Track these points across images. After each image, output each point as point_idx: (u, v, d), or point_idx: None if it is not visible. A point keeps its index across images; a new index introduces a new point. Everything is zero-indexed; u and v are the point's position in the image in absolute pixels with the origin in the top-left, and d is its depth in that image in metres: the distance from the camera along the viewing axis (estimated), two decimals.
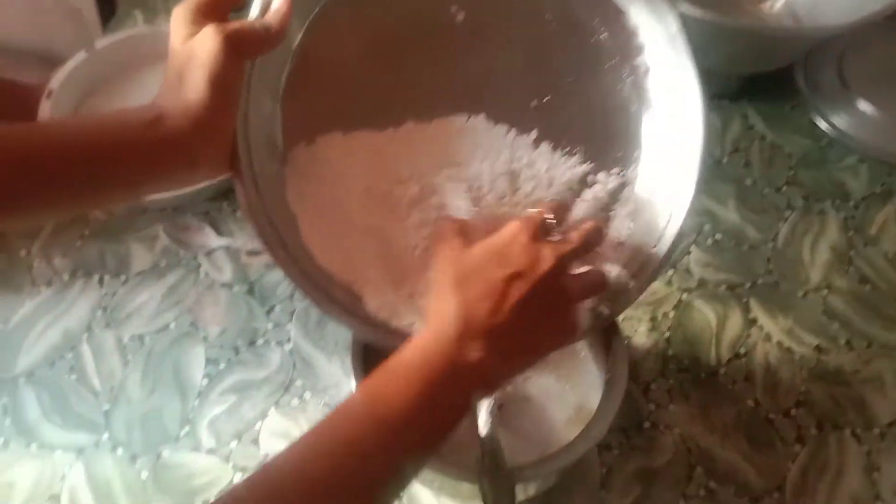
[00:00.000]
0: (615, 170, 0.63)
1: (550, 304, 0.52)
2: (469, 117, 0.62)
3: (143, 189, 0.52)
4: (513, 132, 0.62)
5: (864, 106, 0.97)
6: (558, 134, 0.63)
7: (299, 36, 0.58)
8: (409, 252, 0.59)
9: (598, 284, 0.57)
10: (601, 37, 0.62)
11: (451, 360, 0.49)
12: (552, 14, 0.62)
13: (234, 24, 0.49)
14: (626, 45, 0.62)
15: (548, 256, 0.52)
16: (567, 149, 0.62)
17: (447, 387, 0.49)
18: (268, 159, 0.57)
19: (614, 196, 0.63)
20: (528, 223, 0.54)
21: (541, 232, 0.54)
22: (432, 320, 0.52)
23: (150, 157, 0.49)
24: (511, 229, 0.54)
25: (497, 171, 0.61)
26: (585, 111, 0.63)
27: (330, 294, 0.57)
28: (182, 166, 0.50)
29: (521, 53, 0.63)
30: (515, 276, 0.51)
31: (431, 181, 0.61)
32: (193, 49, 0.48)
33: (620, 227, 0.62)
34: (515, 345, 0.51)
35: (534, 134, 0.62)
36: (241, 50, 0.49)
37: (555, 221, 0.56)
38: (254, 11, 0.53)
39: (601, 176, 0.63)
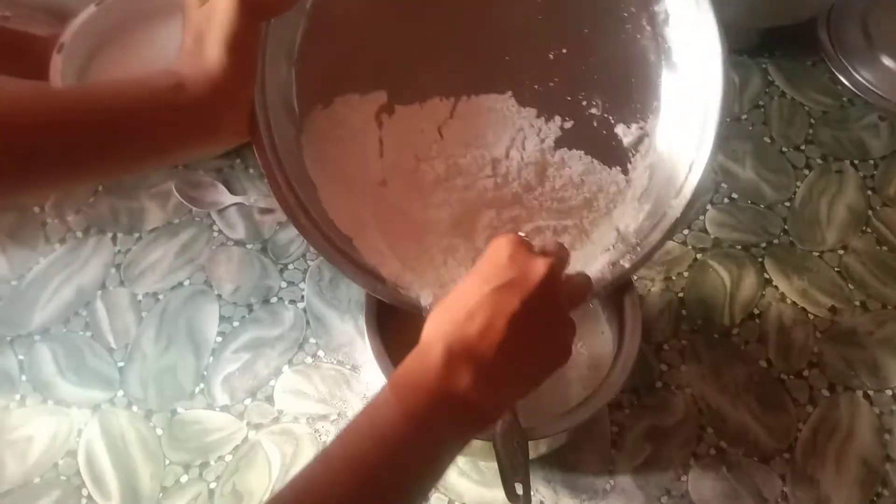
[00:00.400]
0: (634, 122, 0.62)
1: (546, 318, 0.48)
2: (495, 96, 0.62)
3: (164, 157, 0.51)
4: (542, 119, 0.62)
5: (888, 63, 0.94)
6: (577, 86, 0.62)
7: None
8: (429, 226, 0.59)
9: (585, 288, 0.53)
10: None
11: (437, 391, 0.44)
12: None
13: None
14: None
15: (539, 264, 0.47)
16: (586, 101, 0.62)
17: (432, 425, 0.44)
18: (286, 124, 0.56)
19: (634, 148, 0.62)
20: (509, 237, 0.50)
21: (524, 244, 0.50)
22: (416, 349, 0.47)
23: (172, 124, 0.48)
24: (492, 246, 0.50)
25: (526, 161, 0.61)
26: (604, 62, 0.62)
27: (352, 258, 0.57)
28: (203, 132, 0.49)
29: (539, 6, 0.61)
30: (504, 288, 0.46)
31: (458, 161, 0.60)
32: (209, 11, 0.47)
33: (640, 180, 0.62)
34: (508, 371, 0.46)
35: (557, 120, 0.62)
36: (257, 11, 0.48)
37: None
38: None
39: (620, 128, 0.62)
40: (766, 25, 0.98)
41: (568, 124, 0.62)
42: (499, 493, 0.70)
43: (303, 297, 0.82)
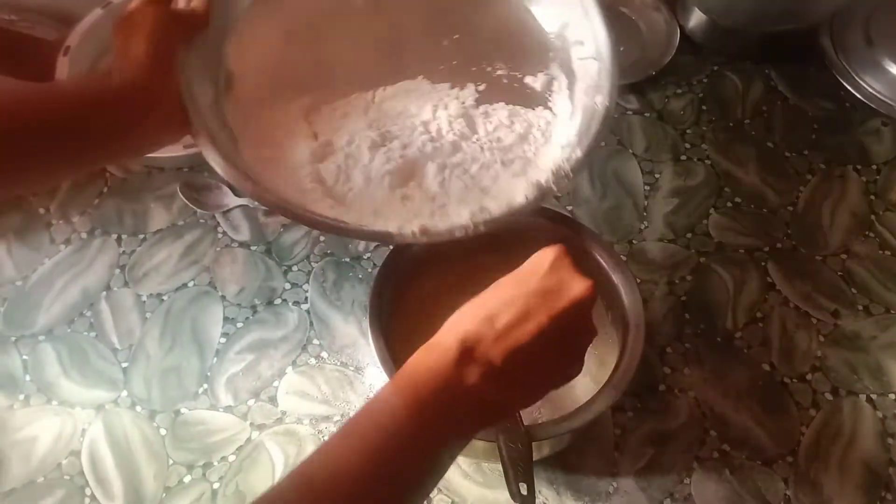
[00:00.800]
0: (539, 71, 0.69)
1: (569, 338, 0.48)
2: (409, 81, 0.68)
3: (109, 144, 0.57)
4: (457, 89, 0.68)
5: (891, 68, 0.94)
6: (477, 59, 0.69)
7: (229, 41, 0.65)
8: (376, 183, 0.62)
9: None
10: None
11: (444, 382, 0.45)
12: None
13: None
14: None
15: (579, 283, 0.47)
16: (490, 67, 0.69)
17: (434, 417, 0.45)
18: (221, 133, 0.61)
19: (547, 89, 0.68)
20: (557, 247, 0.50)
21: (570, 258, 0.50)
22: (430, 342, 0.47)
23: (109, 105, 0.55)
24: (537, 253, 0.50)
25: (453, 115, 0.66)
26: (492, 36, 0.70)
27: (312, 211, 0.59)
28: (138, 114, 0.56)
29: (421, 9, 0.70)
30: (535, 296, 0.47)
31: (390, 129, 0.65)
32: (132, 20, 0.56)
33: (564, 109, 0.67)
34: (517, 379, 0.46)
35: (471, 87, 0.68)
36: (172, 15, 0.58)
37: None
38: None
39: (529, 79, 0.68)
40: (768, 31, 0.98)
41: (481, 87, 0.68)
42: (501, 495, 0.70)
43: (307, 298, 0.82)
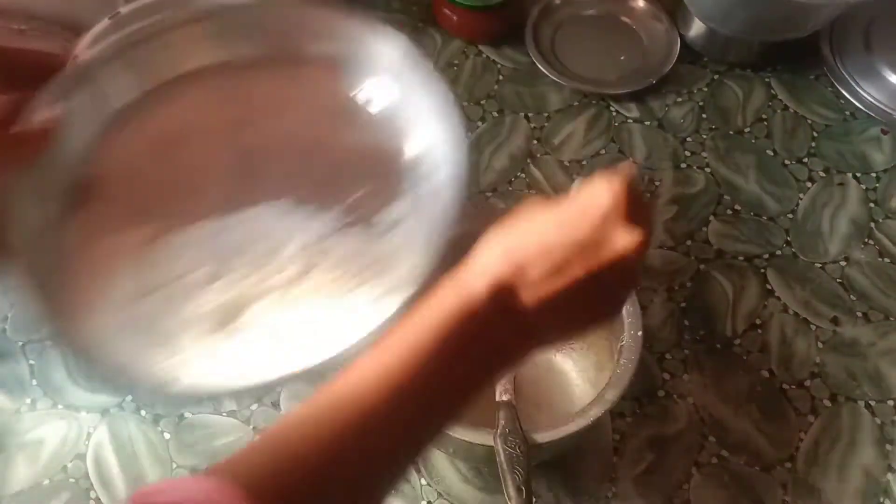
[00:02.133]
0: (403, 197, 0.60)
1: (607, 289, 0.45)
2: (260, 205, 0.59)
3: None
4: (307, 219, 0.59)
5: (891, 76, 0.95)
6: (333, 188, 0.60)
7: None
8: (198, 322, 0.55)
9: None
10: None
11: (473, 335, 0.43)
12: None
13: None
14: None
15: (628, 241, 0.44)
16: (349, 197, 0.60)
17: (458, 367, 0.43)
18: (49, 265, 0.55)
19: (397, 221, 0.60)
20: (616, 187, 0.45)
21: (626, 204, 0.45)
22: (459, 276, 0.45)
23: None
24: (594, 189, 0.45)
25: (299, 246, 0.58)
26: (350, 160, 0.62)
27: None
28: None
29: (284, 129, 0.62)
30: (576, 247, 0.43)
31: (230, 260, 0.57)
32: None
33: (412, 238, 0.58)
34: (550, 323, 0.45)
35: (336, 208, 0.59)
36: (7, 139, 0.53)
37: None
38: None
39: (382, 213, 0.59)
40: (768, 39, 0.99)
41: (332, 217, 0.58)
42: (500, 499, 0.70)
43: None
